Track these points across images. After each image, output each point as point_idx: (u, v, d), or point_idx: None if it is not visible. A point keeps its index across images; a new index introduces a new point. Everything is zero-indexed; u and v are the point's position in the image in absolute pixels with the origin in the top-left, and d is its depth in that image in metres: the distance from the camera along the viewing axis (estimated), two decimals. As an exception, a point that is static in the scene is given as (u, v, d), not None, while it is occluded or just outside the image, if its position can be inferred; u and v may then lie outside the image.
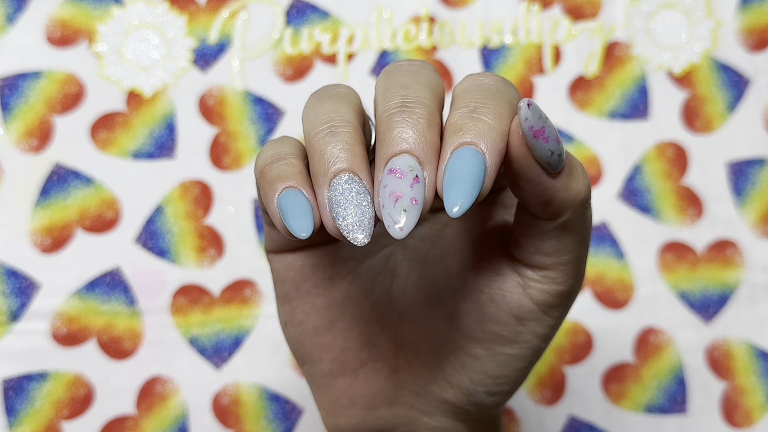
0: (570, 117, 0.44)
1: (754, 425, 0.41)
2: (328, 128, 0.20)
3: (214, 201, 0.42)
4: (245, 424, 0.41)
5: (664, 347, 0.42)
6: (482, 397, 0.24)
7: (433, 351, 0.25)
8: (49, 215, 0.42)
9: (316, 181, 0.20)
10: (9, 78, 0.43)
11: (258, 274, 0.42)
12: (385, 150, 0.19)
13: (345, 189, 0.19)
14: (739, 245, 0.42)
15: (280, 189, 0.20)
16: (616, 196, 0.43)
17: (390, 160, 0.19)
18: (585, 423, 0.41)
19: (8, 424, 0.40)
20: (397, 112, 0.19)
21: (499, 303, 0.23)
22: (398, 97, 0.20)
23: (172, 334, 0.41)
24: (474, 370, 0.24)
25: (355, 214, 0.19)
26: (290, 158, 0.21)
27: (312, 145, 0.20)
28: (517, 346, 0.23)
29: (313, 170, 0.20)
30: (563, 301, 0.23)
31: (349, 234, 0.19)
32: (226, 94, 0.43)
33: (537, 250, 0.22)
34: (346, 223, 0.19)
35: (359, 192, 0.19)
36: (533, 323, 0.23)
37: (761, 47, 0.44)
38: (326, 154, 0.19)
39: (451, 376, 0.25)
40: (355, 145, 0.20)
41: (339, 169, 0.19)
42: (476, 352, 0.24)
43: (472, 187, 0.18)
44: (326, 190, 0.19)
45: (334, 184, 0.19)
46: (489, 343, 0.24)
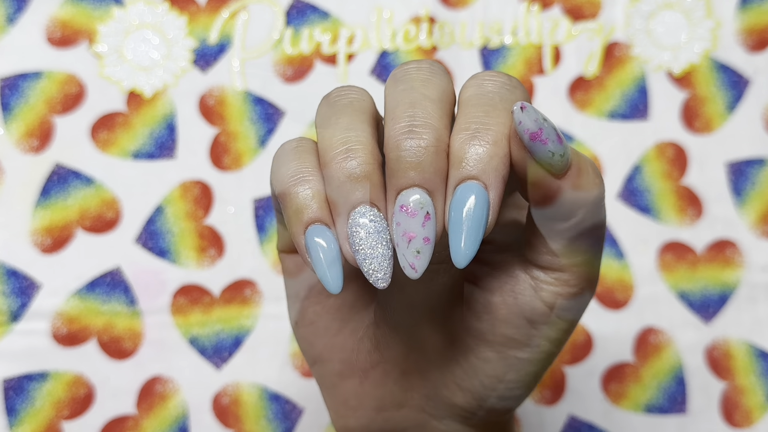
0: (570, 117, 0.44)
1: (753, 425, 0.41)
2: (345, 151, 0.20)
3: (214, 201, 0.42)
4: (245, 424, 0.41)
5: (664, 347, 0.42)
6: (493, 402, 0.24)
7: (443, 354, 0.25)
8: (50, 215, 0.42)
9: (335, 208, 0.20)
10: (9, 78, 0.43)
11: (258, 274, 0.42)
12: (395, 181, 0.20)
13: (365, 226, 0.20)
14: (739, 245, 0.42)
15: (306, 222, 0.20)
16: (616, 196, 0.43)
17: (400, 194, 0.19)
18: (585, 423, 0.41)
19: (8, 424, 0.40)
20: (404, 138, 0.19)
21: (511, 305, 0.23)
22: (406, 119, 0.20)
23: (173, 334, 0.41)
24: (485, 374, 0.24)
25: (375, 257, 0.20)
26: (312, 179, 0.21)
27: (329, 170, 0.20)
28: (528, 350, 0.23)
29: (330, 196, 0.20)
30: (576, 304, 0.23)
31: (371, 277, 0.20)
32: (226, 95, 0.43)
33: (549, 251, 0.22)
34: (367, 264, 0.20)
35: (379, 231, 0.20)
36: (545, 326, 0.23)
37: (761, 47, 0.44)
38: (345, 184, 0.20)
39: (461, 380, 0.24)
40: (373, 173, 0.20)
41: (358, 202, 0.20)
42: (487, 355, 0.24)
43: (476, 232, 0.19)
44: (345, 221, 0.20)
45: (353, 217, 0.20)
46: (500, 347, 0.23)
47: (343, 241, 0.20)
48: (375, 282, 0.20)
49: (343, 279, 0.20)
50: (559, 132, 0.20)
